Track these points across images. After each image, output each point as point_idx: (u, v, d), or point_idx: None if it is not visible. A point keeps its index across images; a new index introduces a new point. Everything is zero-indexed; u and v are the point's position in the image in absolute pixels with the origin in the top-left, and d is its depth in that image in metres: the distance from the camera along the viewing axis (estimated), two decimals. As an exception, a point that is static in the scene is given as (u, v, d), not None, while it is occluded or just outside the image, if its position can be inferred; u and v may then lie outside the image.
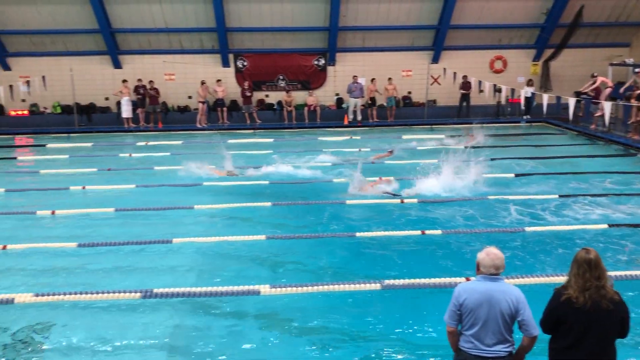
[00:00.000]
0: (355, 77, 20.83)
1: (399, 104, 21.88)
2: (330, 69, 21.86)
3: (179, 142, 17.88)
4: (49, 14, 19.49)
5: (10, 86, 18.87)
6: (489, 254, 4.16)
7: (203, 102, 20.47)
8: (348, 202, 10.64)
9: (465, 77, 21.06)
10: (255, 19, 20.30)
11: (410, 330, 5.96)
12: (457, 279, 6.82)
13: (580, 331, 3.96)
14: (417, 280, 6.98)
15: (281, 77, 21.73)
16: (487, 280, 4.17)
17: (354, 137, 18.44)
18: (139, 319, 6.29)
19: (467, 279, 6.64)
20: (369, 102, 21.35)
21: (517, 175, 12.68)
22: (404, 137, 18.23)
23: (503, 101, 21.27)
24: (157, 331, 6.02)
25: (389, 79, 21.15)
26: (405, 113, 21.79)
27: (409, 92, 22.27)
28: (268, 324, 6.18)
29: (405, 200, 10.64)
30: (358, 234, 8.76)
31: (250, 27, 20.54)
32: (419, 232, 8.85)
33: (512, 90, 20.74)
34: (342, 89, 21.83)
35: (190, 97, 21.29)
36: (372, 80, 21.10)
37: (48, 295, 6.68)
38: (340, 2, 19.63)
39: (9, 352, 5.59)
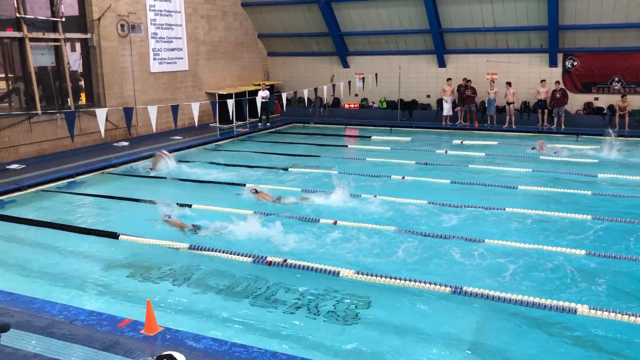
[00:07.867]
0: None
1: None
2: (682, 70, 18.74)
3: (494, 143, 17.59)
4: (387, 16, 21.27)
5: (349, 82, 21.27)
6: None
7: (509, 104, 19.87)
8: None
9: None
10: (593, 16, 18.60)
11: None
12: None
13: None
14: None
15: (617, 79, 19.49)
16: None
17: None
18: (446, 312, 6.45)
19: None
20: None
21: None
22: None
23: None
24: (460, 328, 6.08)
25: None
26: None
27: None
28: (581, 347, 5.69)
29: None
30: None
31: (587, 25, 18.90)
32: None
33: None
34: (695, 94, 18.55)
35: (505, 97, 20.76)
36: None
37: (367, 274, 7.34)
38: None
39: (330, 317, 6.32)
